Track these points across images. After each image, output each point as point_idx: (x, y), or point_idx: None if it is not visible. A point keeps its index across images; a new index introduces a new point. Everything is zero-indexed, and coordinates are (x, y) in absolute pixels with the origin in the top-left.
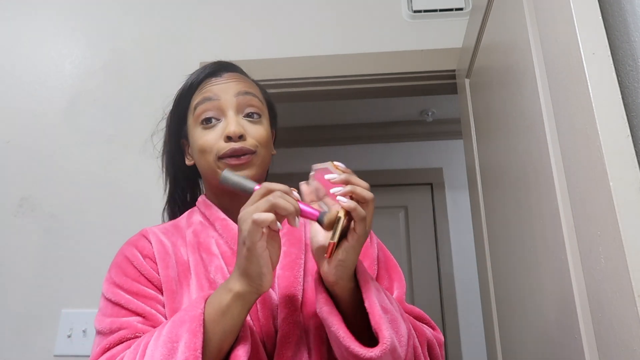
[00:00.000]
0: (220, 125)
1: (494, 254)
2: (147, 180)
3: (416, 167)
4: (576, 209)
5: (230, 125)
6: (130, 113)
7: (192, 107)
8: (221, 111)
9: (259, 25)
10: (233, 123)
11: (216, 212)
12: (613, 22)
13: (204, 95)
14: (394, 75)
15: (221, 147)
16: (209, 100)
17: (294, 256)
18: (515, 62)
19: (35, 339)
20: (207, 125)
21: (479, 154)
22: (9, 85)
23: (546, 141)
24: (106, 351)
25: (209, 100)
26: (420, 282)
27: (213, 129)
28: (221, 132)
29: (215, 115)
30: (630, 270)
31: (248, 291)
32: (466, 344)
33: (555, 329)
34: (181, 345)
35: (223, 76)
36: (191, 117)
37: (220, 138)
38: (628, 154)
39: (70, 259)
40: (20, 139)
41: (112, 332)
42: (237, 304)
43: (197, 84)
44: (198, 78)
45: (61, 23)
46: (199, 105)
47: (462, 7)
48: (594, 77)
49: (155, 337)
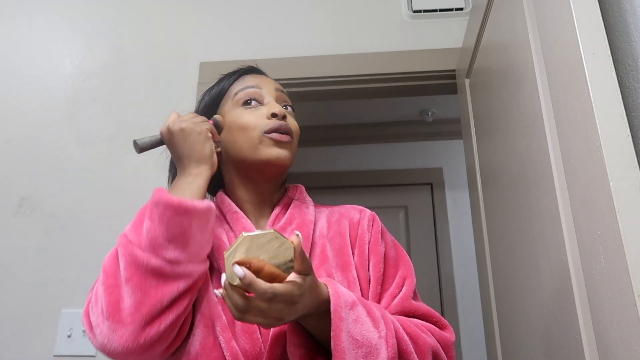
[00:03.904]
0: (263, 108)
1: (494, 254)
2: (147, 180)
3: (416, 167)
4: (576, 209)
5: (274, 105)
6: (130, 113)
7: (232, 94)
8: (263, 98)
9: (258, 25)
10: (277, 105)
11: (229, 205)
12: (613, 22)
13: (246, 84)
14: (394, 75)
15: (267, 122)
16: (251, 88)
17: None
18: (515, 62)
19: (35, 339)
20: (249, 107)
21: (479, 154)
22: (9, 85)
23: (546, 141)
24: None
25: (251, 87)
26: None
27: (256, 110)
28: (265, 112)
29: (258, 99)
30: (630, 270)
31: (206, 168)
32: (466, 344)
33: (555, 328)
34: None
35: (260, 75)
36: (229, 103)
37: (264, 117)
38: (628, 154)
39: (70, 259)
40: (20, 139)
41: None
42: (198, 179)
43: (237, 77)
44: (238, 72)
45: (61, 23)
46: (241, 91)
47: (462, 7)
48: (594, 77)
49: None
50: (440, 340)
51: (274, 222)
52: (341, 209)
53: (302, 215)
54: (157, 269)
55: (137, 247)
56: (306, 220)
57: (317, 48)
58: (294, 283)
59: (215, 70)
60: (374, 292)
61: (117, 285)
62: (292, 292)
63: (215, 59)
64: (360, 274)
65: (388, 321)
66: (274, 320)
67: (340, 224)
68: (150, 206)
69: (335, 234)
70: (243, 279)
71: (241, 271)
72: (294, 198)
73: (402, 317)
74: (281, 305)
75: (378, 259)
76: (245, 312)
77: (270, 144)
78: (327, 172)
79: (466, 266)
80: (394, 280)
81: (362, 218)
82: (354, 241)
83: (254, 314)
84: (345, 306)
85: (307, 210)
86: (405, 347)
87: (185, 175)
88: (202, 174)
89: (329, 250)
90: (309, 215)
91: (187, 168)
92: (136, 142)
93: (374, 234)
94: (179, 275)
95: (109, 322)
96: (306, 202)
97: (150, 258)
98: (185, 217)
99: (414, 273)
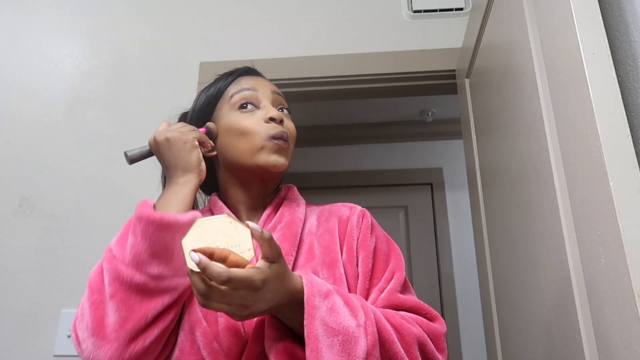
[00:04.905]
0: (260, 112)
1: (494, 254)
2: (147, 180)
3: (416, 167)
4: (576, 209)
5: (271, 109)
6: (130, 113)
7: (228, 97)
8: (259, 101)
9: (258, 25)
10: (274, 109)
11: (220, 208)
12: (613, 22)
13: (242, 86)
14: (394, 75)
15: (268, 128)
16: (247, 90)
17: (285, 251)
18: (515, 62)
19: (35, 339)
20: (246, 110)
21: (479, 154)
22: (9, 85)
23: (546, 141)
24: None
25: (247, 90)
26: (420, 282)
27: (252, 114)
28: (262, 116)
29: (254, 103)
30: (630, 270)
31: (192, 177)
32: (466, 344)
33: (555, 329)
34: (133, 218)
35: (257, 76)
36: (225, 106)
37: (261, 120)
38: (628, 154)
39: (70, 259)
40: (20, 139)
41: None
42: (184, 187)
43: (233, 79)
44: (235, 74)
45: (61, 23)
46: (237, 93)
47: (462, 7)
48: (594, 77)
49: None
50: (428, 331)
51: (265, 222)
52: (332, 207)
53: (292, 213)
54: (142, 285)
55: (121, 263)
56: (295, 218)
57: (317, 48)
58: (255, 269)
59: (215, 70)
60: (362, 288)
61: (101, 302)
62: (252, 277)
63: (215, 59)
64: (348, 270)
65: (368, 310)
66: (239, 308)
67: (329, 222)
68: (134, 221)
69: (324, 232)
70: (199, 263)
71: (196, 257)
72: (285, 198)
73: (387, 310)
74: (242, 291)
75: (366, 254)
76: (207, 298)
77: (271, 151)
78: (327, 172)
79: (466, 266)
80: (383, 275)
81: (352, 215)
82: (342, 238)
83: (216, 299)
84: (319, 295)
85: (297, 209)
86: (388, 336)
87: (172, 184)
88: (189, 183)
89: (317, 247)
90: (298, 214)
91: (173, 177)
92: (126, 154)
93: (363, 229)
94: (164, 290)
95: (94, 339)
96: (297, 201)
97: (134, 274)
98: (168, 232)
99: (404, 267)
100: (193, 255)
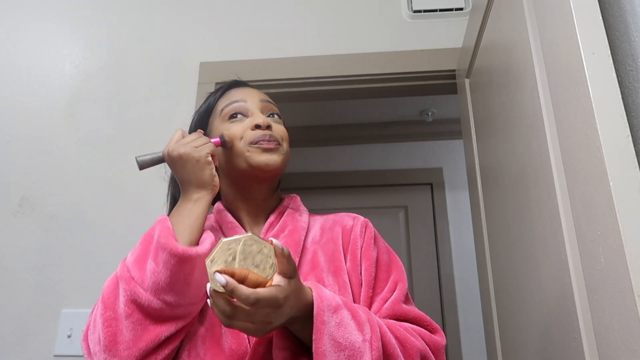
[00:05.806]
0: (247, 120)
1: (494, 254)
2: (147, 180)
3: (416, 167)
4: (576, 209)
5: (258, 117)
6: (130, 113)
7: (219, 110)
8: (247, 111)
9: (258, 25)
10: (261, 116)
11: (225, 216)
12: (613, 22)
13: (231, 98)
14: (394, 75)
15: (251, 134)
16: (236, 102)
17: None
18: (515, 62)
19: (35, 339)
20: (234, 120)
21: (479, 154)
22: (9, 85)
23: (546, 141)
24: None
25: (236, 102)
26: (420, 282)
27: (240, 122)
28: (249, 123)
29: (243, 113)
30: (630, 270)
31: (205, 193)
32: (466, 344)
33: (555, 329)
34: (155, 235)
35: (245, 87)
36: (217, 120)
37: (248, 128)
38: (628, 154)
39: (70, 259)
40: (20, 139)
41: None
42: (197, 205)
43: (222, 93)
44: (223, 88)
45: (61, 23)
46: (227, 106)
47: (462, 7)
48: (594, 77)
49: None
50: (430, 343)
51: (268, 230)
52: (335, 216)
53: (295, 222)
54: (158, 310)
55: (139, 287)
56: (298, 227)
57: (317, 48)
58: (277, 287)
59: (215, 70)
60: (366, 296)
61: (115, 319)
62: (276, 296)
63: (215, 59)
64: (352, 278)
65: (374, 324)
66: (263, 325)
67: (333, 231)
68: (156, 247)
69: (327, 241)
70: (225, 286)
71: (222, 279)
72: (289, 207)
73: (391, 321)
74: (267, 309)
75: (370, 263)
76: (232, 318)
77: (257, 152)
78: (327, 172)
79: (466, 266)
80: (386, 285)
81: (355, 224)
82: (346, 247)
83: (241, 319)
84: (329, 310)
85: (300, 218)
86: (392, 351)
87: (186, 200)
88: (202, 199)
89: (321, 255)
90: (301, 222)
91: (187, 193)
92: (137, 160)
93: (367, 239)
94: (178, 317)
95: (106, 355)
96: (300, 210)
97: (152, 300)
98: (188, 264)
99: (406, 278)
100: (219, 278)
